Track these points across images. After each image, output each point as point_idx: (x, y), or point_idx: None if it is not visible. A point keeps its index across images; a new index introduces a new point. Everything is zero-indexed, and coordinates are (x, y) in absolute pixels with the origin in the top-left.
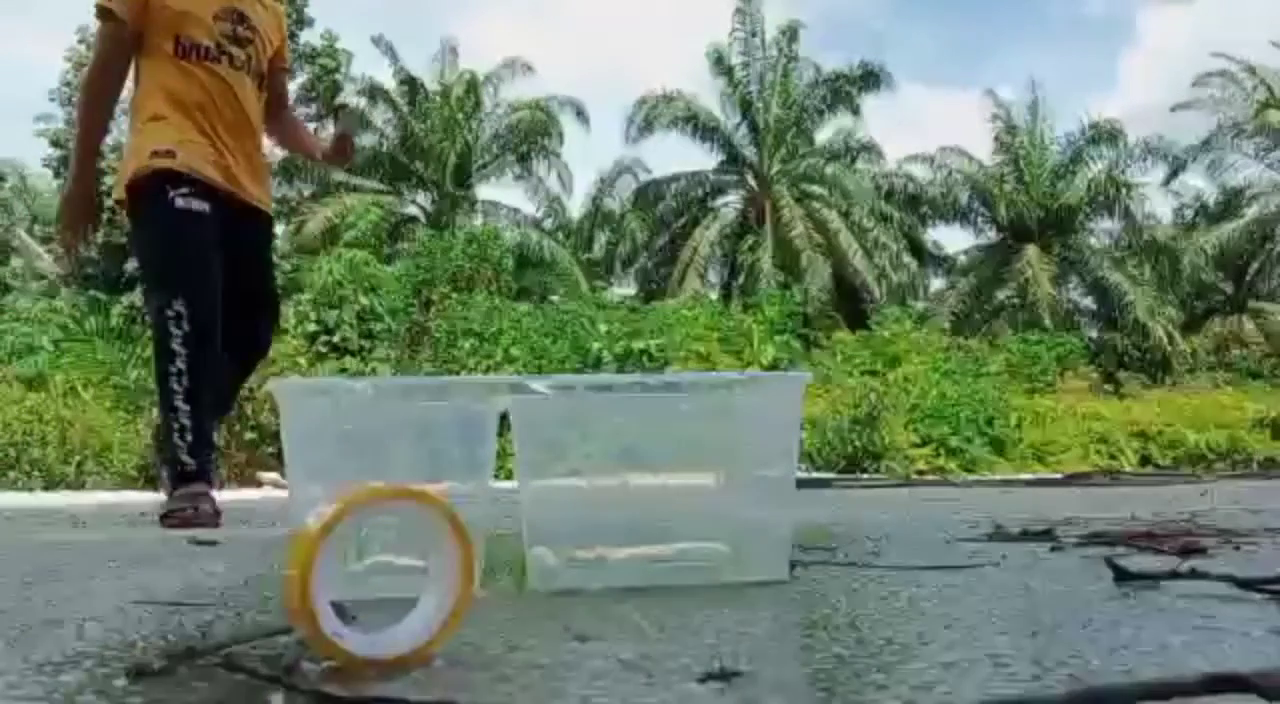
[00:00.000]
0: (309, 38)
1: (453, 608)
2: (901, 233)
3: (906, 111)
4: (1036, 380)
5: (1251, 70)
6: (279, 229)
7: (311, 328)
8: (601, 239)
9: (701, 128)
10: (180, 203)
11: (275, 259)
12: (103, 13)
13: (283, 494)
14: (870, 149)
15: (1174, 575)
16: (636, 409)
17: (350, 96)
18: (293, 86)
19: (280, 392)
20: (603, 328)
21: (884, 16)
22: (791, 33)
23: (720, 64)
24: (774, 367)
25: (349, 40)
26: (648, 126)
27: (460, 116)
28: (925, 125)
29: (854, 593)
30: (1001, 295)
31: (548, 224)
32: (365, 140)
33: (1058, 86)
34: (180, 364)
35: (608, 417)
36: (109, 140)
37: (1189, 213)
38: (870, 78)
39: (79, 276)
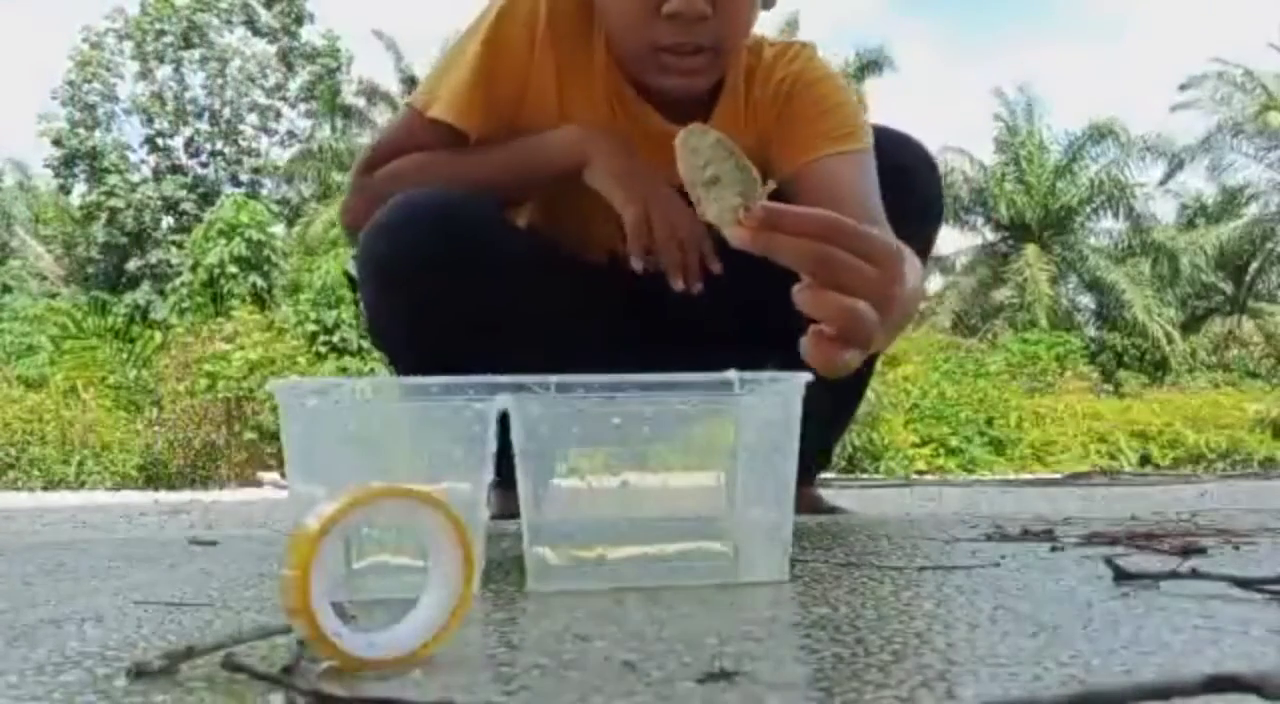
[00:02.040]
0: (310, 37)
1: (453, 608)
2: None
3: (907, 111)
4: (1036, 380)
5: (1250, 74)
6: (279, 230)
7: (311, 328)
8: None
9: None
10: None
11: (275, 259)
12: None
13: (283, 494)
14: None
15: (1174, 575)
16: (636, 409)
17: (350, 97)
18: (293, 85)
19: (280, 392)
20: None
21: (884, 16)
22: (794, 25)
23: None
24: None
25: (351, 41)
26: None
27: None
28: (926, 125)
29: (854, 593)
30: (1001, 295)
31: None
32: (366, 139)
33: (1059, 85)
34: None
35: (608, 417)
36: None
37: (1189, 213)
38: (872, 67)
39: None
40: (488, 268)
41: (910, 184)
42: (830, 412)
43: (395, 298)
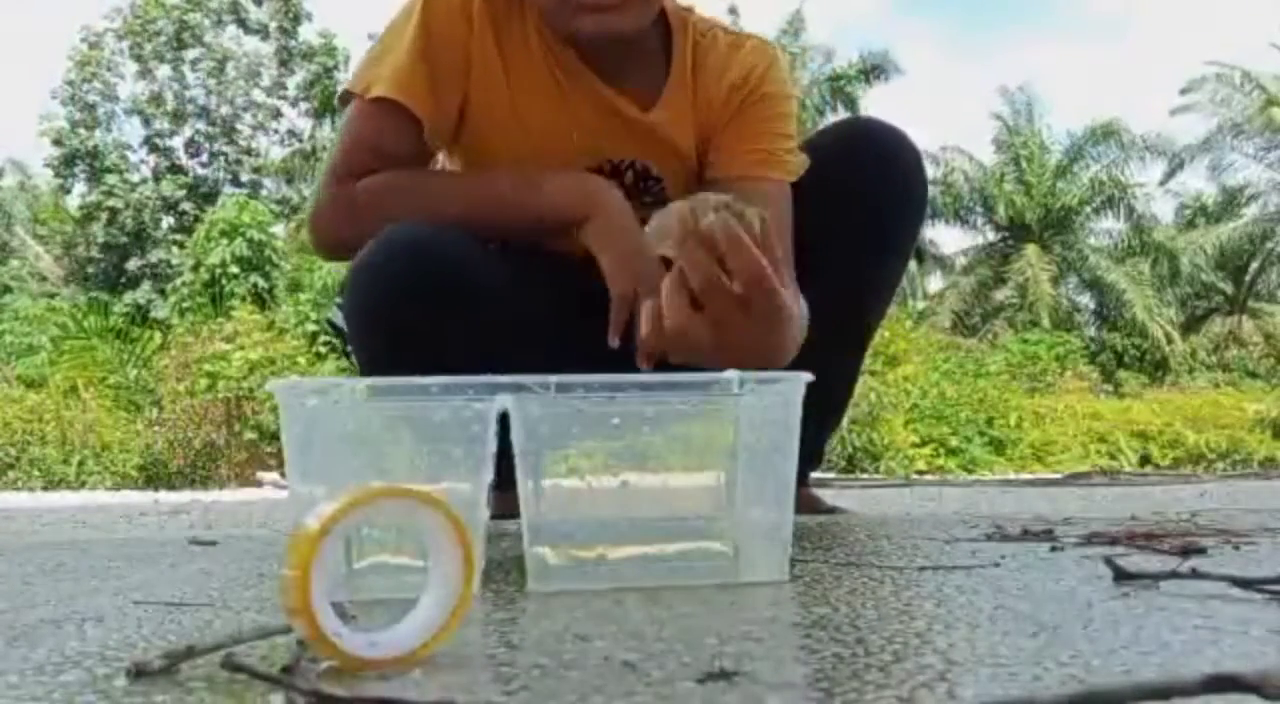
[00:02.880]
0: (307, 36)
1: (453, 608)
2: None
3: (908, 111)
4: (1036, 380)
5: (1248, 75)
6: (279, 229)
7: (311, 328)
8: None
9: None
10: None
11: (276, 259)
12: None
13: (283, 494)
14: None
15: (1174, 575)
16: (636, 409)
17: None
18: (290, 83)
19: (280, 391)
20: None
21: (886, 16)
22: (798, 25)
23: None
24: None
25: (348, 40)
26: None
27: None
28: (926, 125)
29: (854, 593)
30: (1001, 295)
31: None
32: None
33: (1060, 85)
34: None
35: (608, 417)
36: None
37: (1189, 213)
38: (876, 72)
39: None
40: (474, 299)
41: (894, 175)
42: (820, 413)
43: (381, 338)
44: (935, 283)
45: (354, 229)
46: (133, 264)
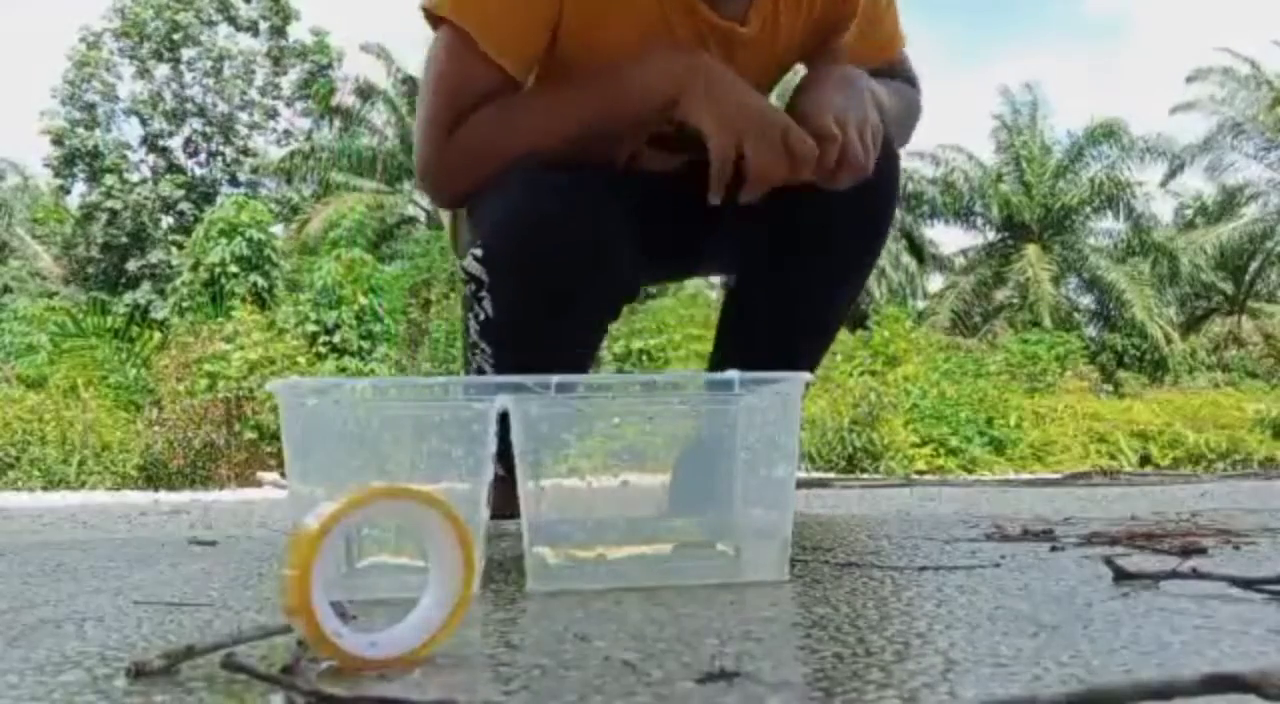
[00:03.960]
0: (299, 34)
1: (452, 608)
2: (901, 232)
3: None
4: (1036, 380)
5: (1255, 67)
6: (278, 229)
7: (311, 328)
8: None
9: None
10: None
11: (276, 259)
12: None
13: (283, 494)
14: None
15: (1174, 575)
16: (636, 409)
17: (345, 95)
18: (285, 83)
19: (280, 391)
20: None
21: None
22: None
23: None
24: None
25: (346, 38)
26: None
27: None
28: (927, 124)
29: (854, 593)
30: (1001, 295)
31: None
32: (364, 140)
33: (1060, 86)
34: None
35: (608, 417)
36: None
37: (1189, 213)
38: None
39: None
40: (615, 242)
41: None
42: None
43: (539, 290)
44: (935, 283)
45: (471, 179)
46: (132, 264)
